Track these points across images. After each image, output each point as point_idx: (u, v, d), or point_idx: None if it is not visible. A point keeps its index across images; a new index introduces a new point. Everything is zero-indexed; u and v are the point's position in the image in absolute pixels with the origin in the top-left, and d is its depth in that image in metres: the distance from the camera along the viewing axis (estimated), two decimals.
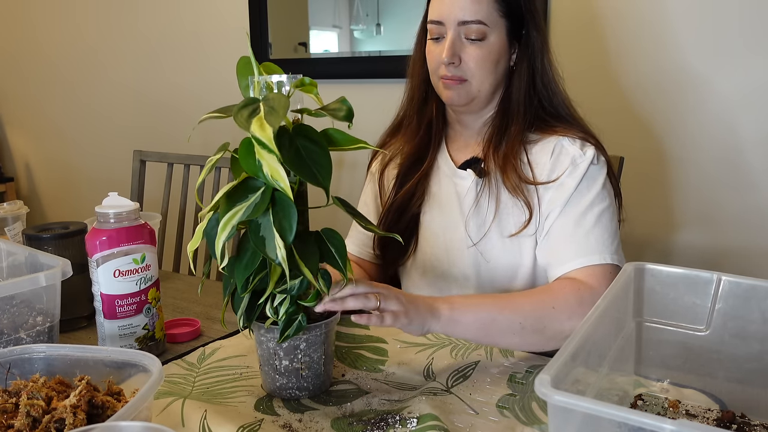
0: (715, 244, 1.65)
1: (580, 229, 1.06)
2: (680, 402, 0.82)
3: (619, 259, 1.05)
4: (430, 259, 1.21)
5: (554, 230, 1.08)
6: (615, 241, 1.06)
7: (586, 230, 1.05)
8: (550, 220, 1.09)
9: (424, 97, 1.21)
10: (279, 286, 0.80)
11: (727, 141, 1.59)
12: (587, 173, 1.08)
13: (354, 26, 2.09)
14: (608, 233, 1.06)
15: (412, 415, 0.82)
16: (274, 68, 0.83)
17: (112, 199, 1.00)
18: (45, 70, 2.93)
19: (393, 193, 1.23)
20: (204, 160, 1.92)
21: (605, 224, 1.06)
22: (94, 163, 2.88)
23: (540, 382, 0.56)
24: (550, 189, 1.09)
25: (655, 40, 1.62)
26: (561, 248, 1.07)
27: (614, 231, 1.08)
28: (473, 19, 1.07)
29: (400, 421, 0.81)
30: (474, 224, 1.15)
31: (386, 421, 0.81)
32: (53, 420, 0.68)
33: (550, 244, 1.09)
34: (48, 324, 0.97)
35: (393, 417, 0.82)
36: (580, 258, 1.04)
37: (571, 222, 1.07)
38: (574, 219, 1.06)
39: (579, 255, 1.04)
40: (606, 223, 1.07)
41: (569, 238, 1.06)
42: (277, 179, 0.72)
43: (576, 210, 1.07)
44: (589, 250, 1.04)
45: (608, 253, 1.04)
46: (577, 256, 1.04)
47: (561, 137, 1.11)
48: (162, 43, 2.53)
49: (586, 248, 1.04)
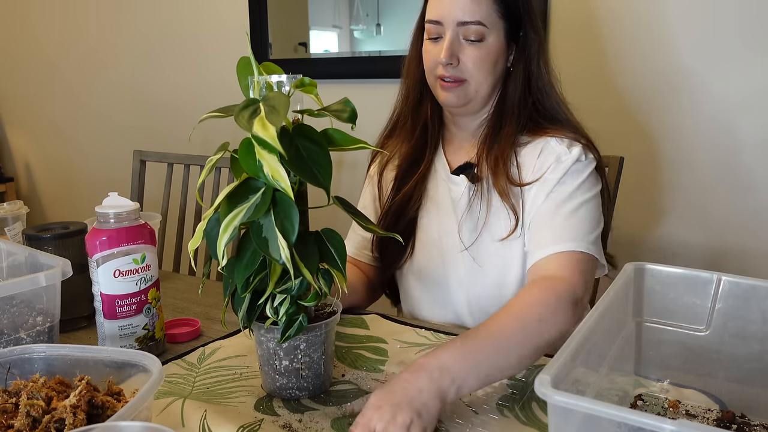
0: (713, 244, 1.65)
1: (558, 217, 1.05)
2: (680, 402, 0.82)
3: (596, 251, 1.04)
4: (426, 262, 1.20)
5: (534, 219, 1.08)
6: (594, 232, 1.05)
7: (563, 218, 1.05)
8: (533, 214, 1.09)
9: (419, 98, 1.20)
10: (279, 286, 0.80)
11: (724, 142, 1.59)
12: (572, 168, 1.07)
13: (354, 26, 2.09)
14: (587, 223, 1.05)
15: None
16: (274, 68, 0.83)
17: (112, 199, 1.00)
18: (45, 70, 2.93)
19: (391, 196, 1.23)
20: (204, 160, 1.92)
21: (584, 215, 1.05)
22: (94, 163, 2.88)
23: (540, 382, 0.56)
24: (532, 188, 1.09)
25: (652, 41, 1.62)
26: (537, 235, 1.06)
27: (594, 223, 1.06)
28: (473, 20, 1.07)
29: None
30: (466, 229, 1.15)
31: None
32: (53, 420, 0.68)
33: (531, 233, 1.08)
34: (48, 324, 0.97)
35: None
36: (555, 245, 1.03)
37: (550, 210, 1.06)
38: (553, 207, 1.06)
39: (554, 242, 1.03)
40: (585, 213, 1.05)
41: (546, 225, 1.06)
42: (278, 179, 0.72)
43: (556, 198, 1.06)
44: (563, 237, 1.03)
45: (584, 242, 1.02)
46: (551, 243, 1.03)
47: (549, 138, 1.11)
48: (162, 43, 2.53)
49: (561, 235, 1.03)
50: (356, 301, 1.19)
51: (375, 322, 1.13)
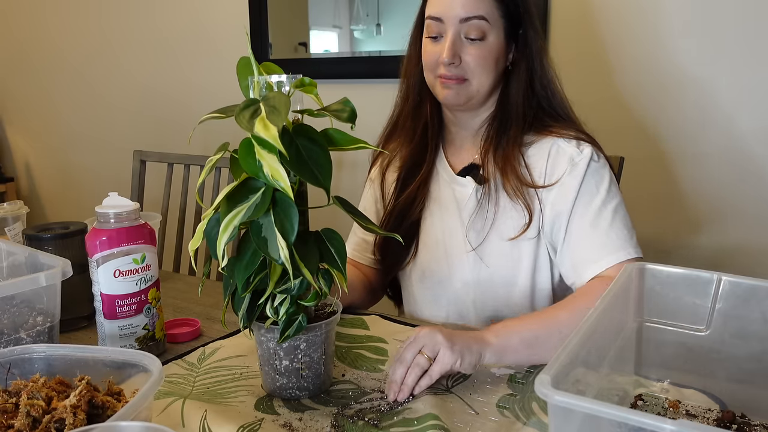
0: (714, 244, 1.65)
1: (599, 230, 1.05)
2: (680, 402, 0.82)
3: (641, 251, 1.05)
4: (430, 263, 1.20)
5: (572, 234, 1.07)
6: (633, 234, 1.06)
7: (605, 229, 1.05)
8: (560, 222, 1.08)
9: (419, 99, 1.20)
10: (279, 286, 0.80)
11: (726, 140, 1.59)
12: (589, 170, 1.07)
13: (354, 26, 2.09)
14: (626, 228, 1.06)
15: (413, 415, 0.82)
16: (274, 68, 0.83)
17: (112, 199, 1.00)
18: (45, 70, 2.93)
19: (393, 198, 1.22)
20: (204, 160, 1.92)
21: (621, 219, 1.06)
22: (94, 163, 2.88)
23: (540, 382, 0.56)
24: (552, 191, 1.09)
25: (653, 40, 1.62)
26: (583, 251, 1.06)
27: (631, 225, 1.07)
28: (475, 15, 1.06)
29: (401, 421, 0.81)
30: (473, 230, 1.15)
31: (386, 421, 0.81)
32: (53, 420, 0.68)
33: (571, 249, 1.07)
34: (48, 324, 0.97)
35: (393, 417, 0.82)
36: (605, 258, 1.03)
37: (587, 223, 1.06)
38: (590, 220, 1.06)
39: (603, 255, 1.03)
40: (622, 218, 1.06)
41: (590, 239, 1.05)
42: (278, 179, 0.72)
43: (590, 210, 1.06)
44: (612, 249, 1.03)
45: (631, 247, 1.04)
46: (601, 257, 1.04)
47: (556, 138, 1.10)
48: (161, 43, 2.53)
49: (609, 247, 1.04)
50: (356, 300, 1.19)
51: (375, 322, 1.13)
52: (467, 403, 0.86)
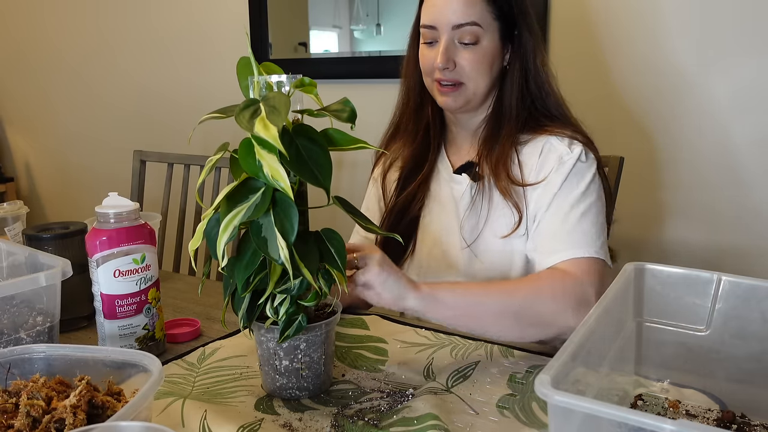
0: (714, 244, 1.65)
1: (567, 224, 1.06)
2: (680, 402, 0.82)
3: (604, 254, 1.05)
4: (428, 260, 1.21)
5: (542, 224, 1.09)
6: (601, 236, 1.06)
7: (572, 224, 1.06)
8: (539, 217, 1.09)
9: (419, 100, 1.21)
10: (279, 286, 0.80)
11: (723, 141, 1.59)
12: (574, 169, 1.08)
13: (354, 26, 2.09)
14: (595, 228, 1.06)
15: (412, 414, 0.82)
16: (274, 68, 0.83)
17: (112, 199, 1.00)
18: (45, 70, 2.93)
19: (394, 196, 1.24)
20: (204, 160, 1.92)
21: (591, 219, 1.06)
22: (94, 163, 2.88)
23: (540, 382, 0.56)
24: (537, 188, 1.10)
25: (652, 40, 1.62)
26: (547, 241, 1.07)
27: (601, 227, 1.07)
28: (467, 21, 1.07)
29: (400, 420, 0.81)
30: (468, 226, 1.16)
31: (386, 421, 0.81)
32: (53, 420, 0.68)
33: (539, 238, 1.09)
34: (48, 324, 0.97)
35: (393, 417, 0.82)
36: (564, 251, 1.04)
37: (559, 216, 1.07)
38: (562, 213, 1.07)
39: (565, 248, 1.04)
40: (592, 218, 1.07)
41: (556, 231, 1.07)
42: (278, 179, 0.72)
43: (563, 204, 1.07)
44: (572, 244, 1.04)
45: (593, 247, 1.04)
46: (562, 249, 1.05)
47: (550, 136, 1.11)
48: (161, 43, 2.53)
49: (570, 242, 1.05)
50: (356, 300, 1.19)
51: (375, 322, 1.13)
52: (467, 403, 0.86)
